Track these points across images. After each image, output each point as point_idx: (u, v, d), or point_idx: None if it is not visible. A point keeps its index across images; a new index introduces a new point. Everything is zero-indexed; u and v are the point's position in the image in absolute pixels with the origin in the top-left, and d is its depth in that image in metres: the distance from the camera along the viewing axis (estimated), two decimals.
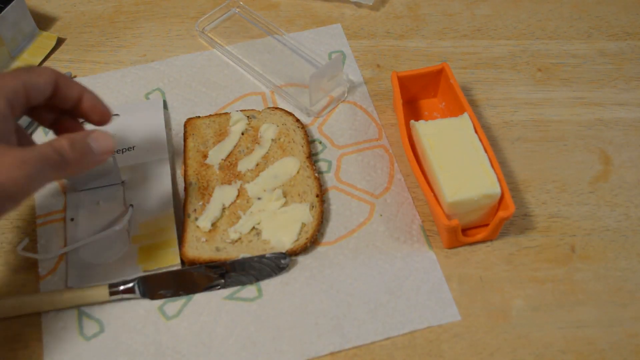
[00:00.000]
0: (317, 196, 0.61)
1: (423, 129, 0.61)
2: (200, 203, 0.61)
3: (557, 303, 0.57)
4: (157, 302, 0.57)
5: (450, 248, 0.60)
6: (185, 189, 0.62)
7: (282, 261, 0.58)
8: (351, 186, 0.64)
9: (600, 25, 0.77)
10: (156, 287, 0.57)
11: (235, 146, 0.65)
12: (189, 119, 0.68)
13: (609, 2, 0.80)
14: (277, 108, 0.68)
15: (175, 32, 0.77)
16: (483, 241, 0.60)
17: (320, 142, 0.67)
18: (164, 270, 0.58)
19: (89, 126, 0.55)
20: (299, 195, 0.62)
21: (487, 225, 0.60)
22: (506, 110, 0.69)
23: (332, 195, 0.63)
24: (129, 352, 0.54)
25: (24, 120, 0.67)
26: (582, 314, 0.56)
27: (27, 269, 0.59)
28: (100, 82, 0.72)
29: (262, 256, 0.58)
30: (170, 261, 0.58)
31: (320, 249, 0.60)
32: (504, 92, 0.71)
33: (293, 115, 0.67)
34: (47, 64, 0.74)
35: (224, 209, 0.61)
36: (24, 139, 0.54)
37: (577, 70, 0.73)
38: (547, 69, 0.73)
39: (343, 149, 0.66)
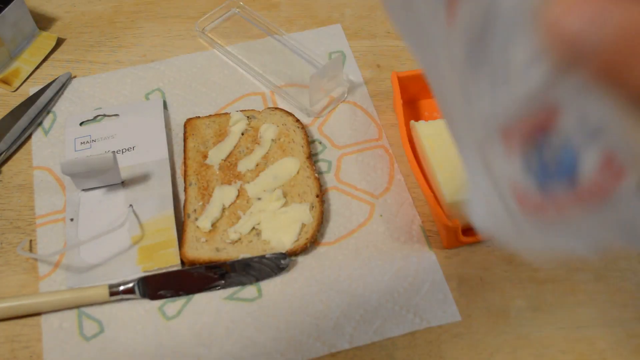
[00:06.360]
0: (317, 196, 0.61)
1: (423, 129, 0.61)
2: (200, 203, 0.61)
3: (557, 303, 0.57)
4: (157, 302, 0.57)
5: (450, 248, 0.60)
6: (185, 189, 0.62)
7: (282, 261, 0.58)
8: (351, 186, 0.64)
9: None
10: (156, 287, 0.57)
11: (235, 146, 0.65)
12: (189, 119, 0.68)
13: None
14: (277, 108, 0.68)
15: (175, 32, 0.76)
16: (483, 241, 0.60)
17: (320, 143, 0.67)
18: (164, 270, 0.58)
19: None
20: (299, 195, 0.62)
21: None
22: None
23: (332, 196, 0.63)
24: (129, 352, 0.54)
25: (24, 121, 0.67)
26: (582, 314, 0.56)
27: (27, 269, 0.59)
28: (100, 82, 0.72)
29: (262, 256, 0.58)
30: (170, 261, 0.58)
31: (320, 249, 0.60)
32: None
33: (293, 115, 0.67)
34: (46, 64, 0.74)
35: (224, 209, 0.61)
36: None
37: None
38: None
39: (343, 149, 0.66)
